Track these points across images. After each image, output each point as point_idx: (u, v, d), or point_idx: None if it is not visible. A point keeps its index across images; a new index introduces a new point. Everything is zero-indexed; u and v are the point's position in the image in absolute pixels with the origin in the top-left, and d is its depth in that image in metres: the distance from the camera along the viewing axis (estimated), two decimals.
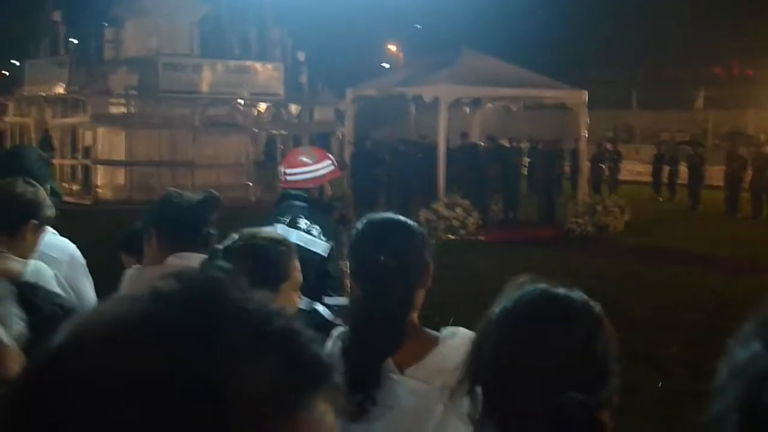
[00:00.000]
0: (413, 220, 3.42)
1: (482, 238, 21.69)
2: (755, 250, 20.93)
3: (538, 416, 1.93)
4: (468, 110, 28.57)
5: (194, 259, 4.10)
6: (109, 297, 0.99)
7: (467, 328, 2.20)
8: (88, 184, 31.11)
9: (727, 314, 13.29)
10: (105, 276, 5.08)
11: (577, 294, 2.10)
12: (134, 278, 4.30)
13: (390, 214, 3.38)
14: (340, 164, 23.99)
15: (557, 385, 1.91)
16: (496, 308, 2.13)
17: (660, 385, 9.61)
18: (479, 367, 2.10)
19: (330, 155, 6.62)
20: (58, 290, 4.73)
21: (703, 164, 32.98)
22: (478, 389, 2.09)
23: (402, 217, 3.37)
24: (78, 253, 5.08)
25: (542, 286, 2.11)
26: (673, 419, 8.68)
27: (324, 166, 6.45)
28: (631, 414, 8.04)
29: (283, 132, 33.88)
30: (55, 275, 4.42)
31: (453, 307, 9.24)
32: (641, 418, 8.02)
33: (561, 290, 2.11)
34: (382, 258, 3.19)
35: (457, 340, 2.98)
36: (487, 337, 2.11)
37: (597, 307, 2.11)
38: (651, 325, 12.77)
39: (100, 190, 30.52)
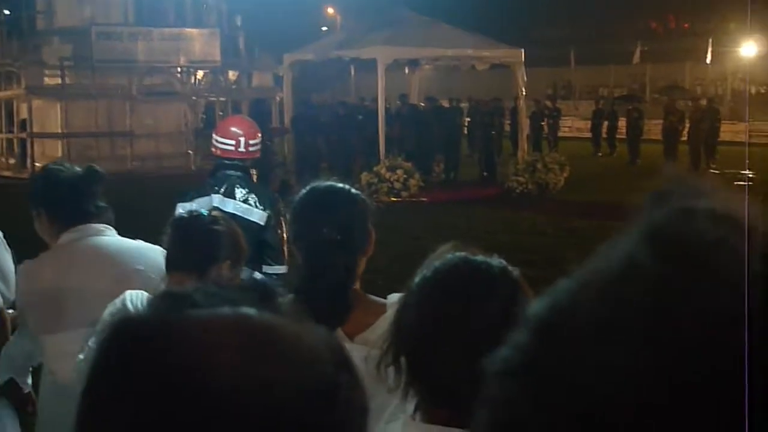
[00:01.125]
0: (355, 184, 3.40)
1: (425, 199, 21.73)
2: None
3: (462, 383, 1.94)
4: (407, 71, 28.54)
5: (87, 231, 4.10)
6: None
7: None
8: (24, 157, 30.69)
9: None
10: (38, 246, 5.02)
11: (496, 261, 2.12)
12: (29, 270, 4.22)
13: (332, 182, 3.36)
14: (282, 130, 23.88)
15: (479, 351, 1.92)
16: (417, 278, 2.13)
17: None
18: (402, 336, 2.12)
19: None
20: None
21: (642, 119, 33.25)
22: (402, 359, 2.09)
23: (344, 185, 3.35)
24: None
25: (461, 254, 2.12)
26: None
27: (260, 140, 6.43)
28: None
29: (222, 99, 33.65)
30: None
31: (397, 269, 9.26)
32: None
33: (480, 257, 2.12)
34: (325, 230, 3.18)
35: None
36: (408, 307, 2.13)
37: (516, 272, 2.12)
38: None
39: (37, 164, 30.13)
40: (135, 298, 3.58)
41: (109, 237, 4.15)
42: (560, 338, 0.71)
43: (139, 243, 4.18)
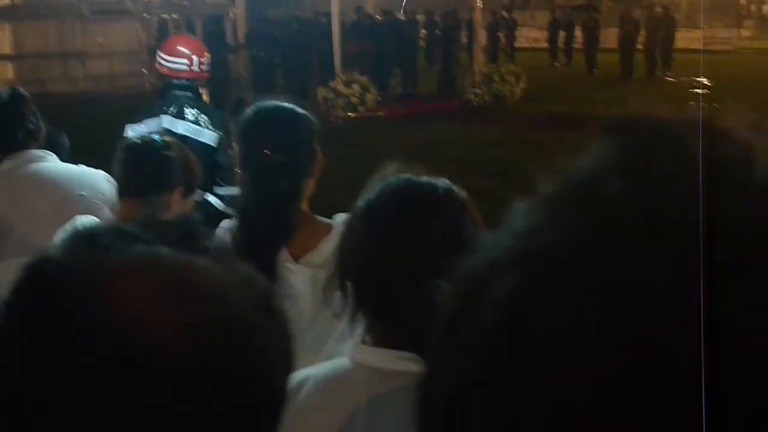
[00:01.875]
0: (311, 99, 3.38)
1: (381, 113, 21.66)
2: (649, 111, 21.25)
3: (409, 305, 1.94)
4: None
5: (25, 157, 4.05)
6: None
7: None
8: None
9: None
10: None
11: (441, 181, 2.10)
12: None
13: (277, 102, 3.32)
14: (236, 46, 23.59)
15: (426, 273, 1.92)
16: (361, 201, 2.11)
17: None
18: (347, 261, 2.11)
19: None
20: None
21: (599, 28, 33.18)
22: (349, 284, 2.09)
23: (289, 105, 3.31)
24: None
25: (406, 175, 2.10)
26: None
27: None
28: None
29: (175, 16, 33.17)
30: None
31: (355, 185, 9.27)
32: None
33: (425, 178, 2.10)
34: (266, 151, 3.16)
35: None
36: (352, 230, 2.11)
37: (461, 192, 2.10)
38: None
39: None
40: (86, 223, 3.55)
41: (49, 163, 4.09)
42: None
43: (82, 168, 4.12)
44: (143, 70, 30.97)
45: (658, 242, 0.61)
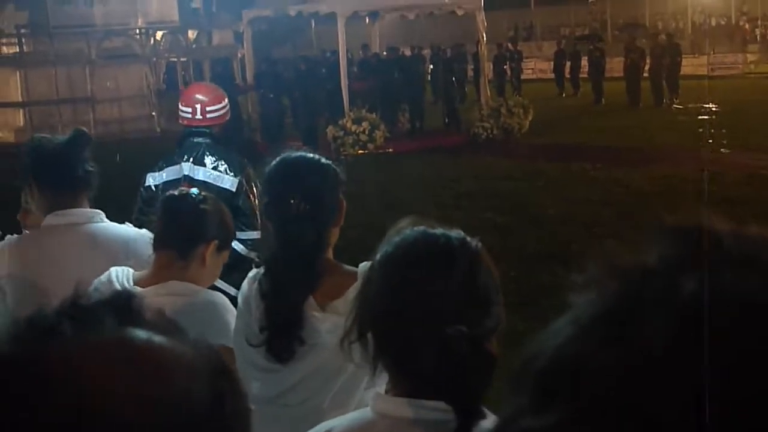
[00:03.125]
0: (320, 138, 3.45)
1: (391, 150, 21.74)
2: (657, 139, 21.33)
3: (428, 353, 2.00)
4: (367, 21, 28.42)
5: (78, 216, 4.05)
6: None
7: (380, 242, 2.25)
8: None
9: (635, 205, 13.59)
10: (6, 220, 5.00)
11: (455, 233, 2.16)
12: (13, 249, 4.10)
13: (302, 153, 3.38)
14: (245, 87, 23.64)
15: (443, 322, 1.99)
16: (378, 254, 2.18)
17: None
18: (366, 313, 2.17)
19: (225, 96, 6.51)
20: None
21: (604, 58, 33.27)
22: (369, 335, 2.15)
23: (314, 155, 3.37)
24: None
25: (421, 228, 2.17)
26: None
27: (227, 103, 6.41)
28: (544, 312, 8.23)
29: (183, 59, 33.41)
30: None
31: (367, 222, 9.32)
32: (555, 316, 8.17)
33: (439, 230, 2.16)
34: (292, 201, 3.22)
35: None
36: (370, 283, 2.17)
37: (475, 242, 2.17)
38: (562, 222, 12.99)
39: (0, 134, 29.90)
40: (120, 274, 3.61)
41: (100, 224, 4.08)
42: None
43: (129, 231, 4.10)
44: (152, 113, 31.16)
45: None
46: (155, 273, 3.57)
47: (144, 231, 4.07)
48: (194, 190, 3.74)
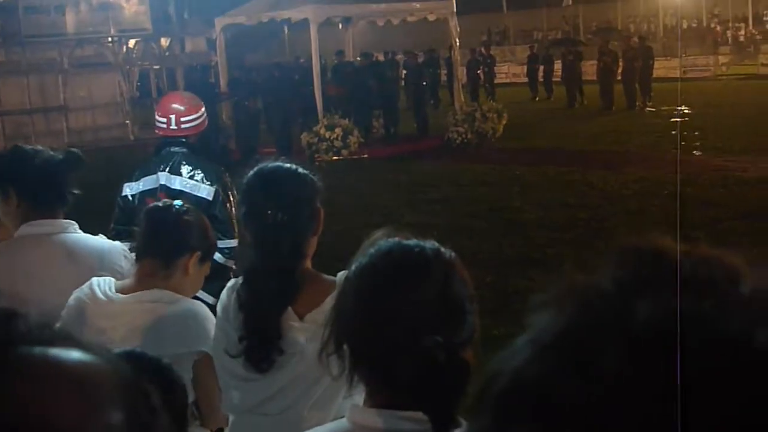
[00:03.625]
0: (295, 145, 3.45)
1: (366, 155, 21.74)
2: (631, 142, 21.44)
3: (404, 363, 2.01)
4: (341, 27, 28.43)
5: (54, 226, 4.03)
6: None
7: (355, 248, 2.26)
8: None
9: (610, 208, 13.66)
10: None
11: (429, 243, 2.17)
12: None
13: (279, 163, 3.39)
14: (221, 95, 23.49)
15: (418, 332, 2.00)
16: (353, 266, 2.19)
17: None
18: (341, 325, 2.17)
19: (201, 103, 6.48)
20: None
21: (578, 61, 33.32)
22: (345, 347, 2.15)
23: (291, 165, 3.38)
24: None
25: (395, 239, 2.18)
26: None
27: (204, 113, 6.39)
28: (521, 317, 8.23)
29: (156, 66, 33.35)
30: None
31: (343, 228, 9.32)
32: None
33: (413, 241, 2.17)
34: (270, 212, 3.22)
35: None
36: (346, 295, 2.18)
37: (449, 253, 2.18)
38: (539, 226, 13.03)
39: None
40: (102, 283, 3.62)
41: (75, 234, 4.08)
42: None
43: (103, 243, 4.10)
44: (126, 121, 31.06)
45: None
46: (138, 281, 3.60)
47: (117, 243, 4.07)
48: (178, 202, 3.78)
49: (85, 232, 4.13)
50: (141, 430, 0.88)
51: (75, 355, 0.88)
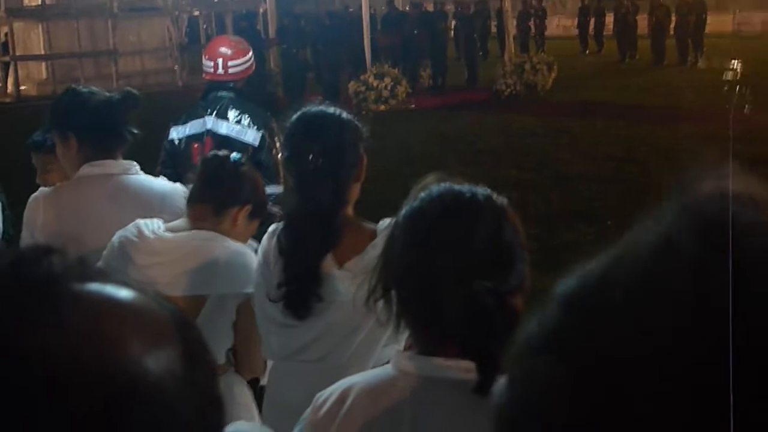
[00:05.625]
0: (342, 94, 3.42)
1: (413, 106, 21.68)
2: (682, 98, 21.17)
3: (452, 309, 1.98)
4: None
5: (114, 167, 4.03)
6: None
7: (401, 198, 2.23)
8: (7, 81, 30.51)
9: (659, 163, 13.52)
10: (30, 172, 4.99)
11: (481, 189, 2.14)
12: (47, 201, 4.07)
13: (323, 108, 3.35)
14: (270, 42, 23.51)
15: (467, 277, 1.96)
16: (402, 209, 2.15)
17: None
18: (390, 270, 2.14)
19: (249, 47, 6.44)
20: None
21: (635, 14, 32.77)
22: (392, 292, 2.13)
23: (335, 110, 3.34)
24: None
25: (446, 185, 2.14)
26: None
27: (251, 57, 6.35)
28: (567, 270, 8.19)
29: (205, 12, 33.37)
30: None
31: (389, 178, 9.29)
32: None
33: (465, 187, 2.14)
34: (312, 157, 3.19)
35: None
36: (395, 240, 2.15)
37: (501, 200, 2.14)
38: (586, 179, 12.93)
39: (22, 87, 29.95)
40: (150, 224, 3.62)
41: (136, 176, 4.05)
42: (589, 314, 0.73)
43: (164, 185, 4.08)
44: (174, 66, 31.14)
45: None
46: (189, 224, 3.61)
47: (178, 185, 4.06)
48: (236, 155, 3.79)
49: None
50: (196, 363, 0.87)
51: (126, 292, 0.86)
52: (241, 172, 3.70)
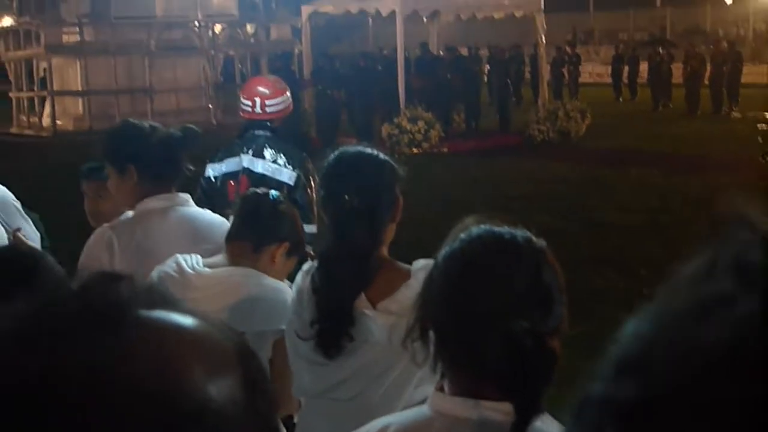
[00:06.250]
0: (376, 136, 3.44)
1: (446, 149, 21.71)
2: (716, 147, 21.11)
3: (491, 353, 1.99)
4: (426, 20, 28.40)
5: (174, 199, 4.08)
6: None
7: (433, 240, 2.25)
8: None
9: (692, 213, 13.46)
10: (65, 205, 5.03)
11: (521, 232, 2.16)
12: (112, 238, 4.05)
13: (360, 148, 3.38)
14: (304, 83, 23.62)
15: (507, 318, 1.97)
16: (442, 250, 2.17)
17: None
18: (429, 310, 2.15)
19: (287, 88, 6.51)
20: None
21: (670, 62, 32.67)
22: (430, 332, 2.14)
23: (372, 150, 3.36)
24: (9, 195, 5.06)
25: (486, 226, 2.16)
26: None
27: (289, 97, 6.41)
28: (598, 318, 8.16)
29: (241, 52, 33.63)
30: None
31: (421, 221, 9.31)
32: (608, 322, 8.12)
33: (505, 229, 2.15)
34: (348, 197, 3.21)
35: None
36: (434, 281, 2.16)
37: (540, 242, 2.16)
38: (618, 228, 12.90)
39: (59, 122, 30.25)
40: (189, 259, 3.65)
41: (195, 209, 4.12)
42: (640, 373, 0.72)
43: (214, 218, 4.14)
44: (209, 105, 31.36)
45: None
46: (227, 260, 3.65)
47: (224, 219, 4.08)
48: (274, 192, 3.87)
49: None
50: (257, 392, 0.87)
51: (191, 319, 0.87)
52: (280, 210, 3.75)
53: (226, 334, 0.90)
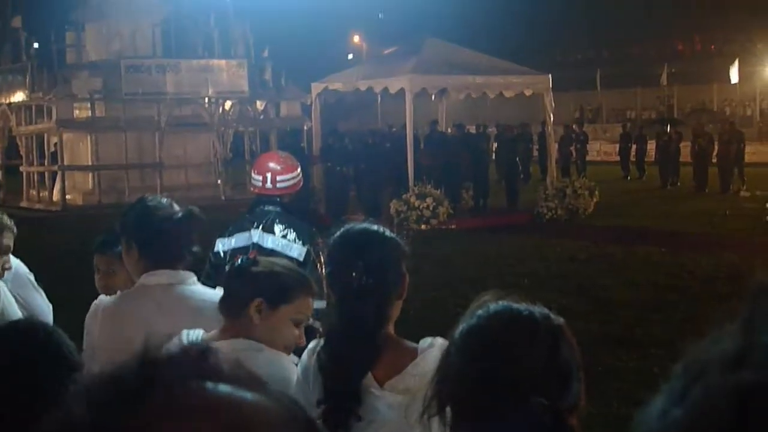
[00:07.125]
0: (384, 213, 3.44)
1: (454, 226, 21.73)
2: (724, 225, 21.11)
3: (508, 425, 1.97)
4: (434, 98, 28.61)
5: (175, 277, 4.06)
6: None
7: (441, 317, 2.24)
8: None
9: (702, 292, 13.41)
10: (74, 280, 5.03)
11: (539, 308, 2.15)
12: (110, 312, 4.13)
13: (367, 225, 3.37)
14: (313, 159, 23.73)
15: (525, 395, 1.96)
16: (460, 327, 2.16)
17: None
18: (446, 387, 2.14)
19: (297, 163, 6.54)
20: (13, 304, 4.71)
21: (679, 141, 32.85)
22: (447, 408, 2.12)
23: (379, 228, 3.36)
24: (23, 268, 5.06)
25: (504, 303, 2.15)
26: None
27: (299, 173, 6.44)
28: (609, 397, 8.10)
29: (250, 129, 33.86)
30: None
31: (429, 297, 9.28)
32: (619, 401, 8.07)
33: (522, 306, 2.15)
34: (354, 274, 3.19)
35: (435, 351, 2.97)
36: (452, 357, 2.15)
37: (558, 319, 2.15)
38: (626, 306, 12.84)
39: (69, 196, 30.39)
40: (192, 335, 3.60)
41: (196, 287, 4.09)
42: None
43: (217, 294, 4.15)
44: (218, 181, 31.52)
45: None
46: (220, 335, 3.57)
47: None
48: (243, 258, 3.74)
49: None
50: None
51: (250, 393, 0.89)
52: (243, 269, 3.60)
53: (285, 408, 0.92)
